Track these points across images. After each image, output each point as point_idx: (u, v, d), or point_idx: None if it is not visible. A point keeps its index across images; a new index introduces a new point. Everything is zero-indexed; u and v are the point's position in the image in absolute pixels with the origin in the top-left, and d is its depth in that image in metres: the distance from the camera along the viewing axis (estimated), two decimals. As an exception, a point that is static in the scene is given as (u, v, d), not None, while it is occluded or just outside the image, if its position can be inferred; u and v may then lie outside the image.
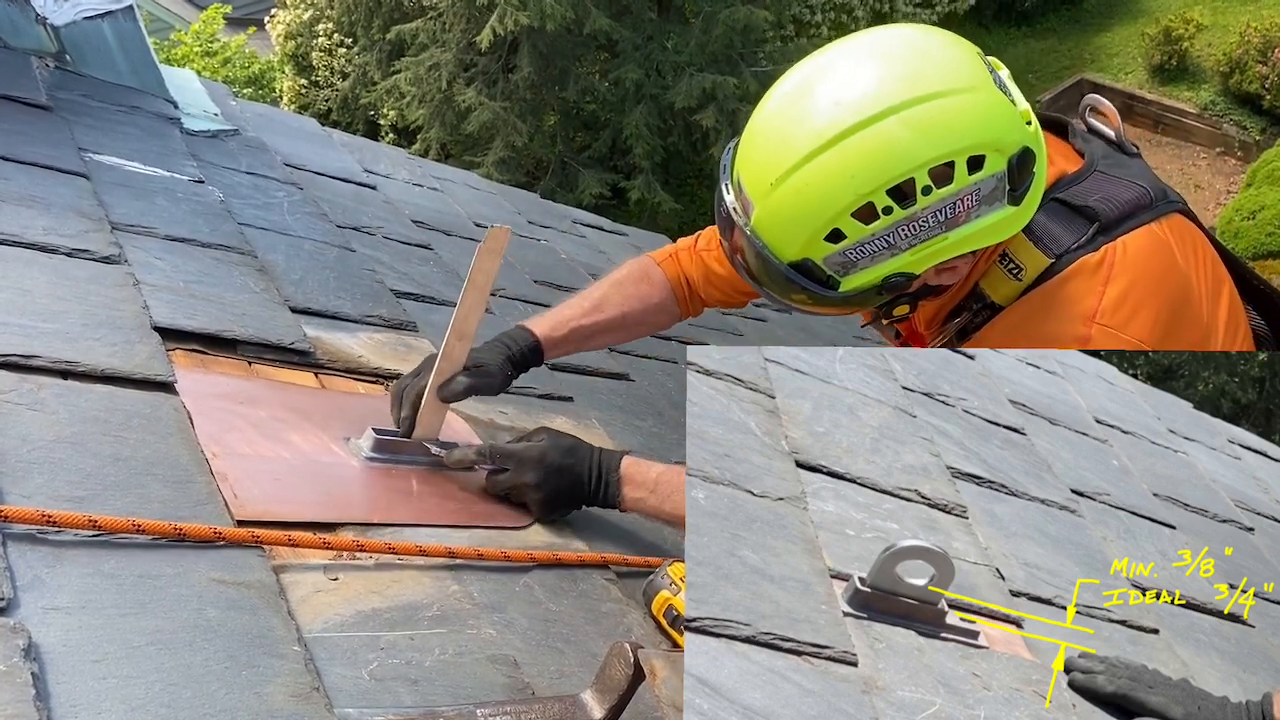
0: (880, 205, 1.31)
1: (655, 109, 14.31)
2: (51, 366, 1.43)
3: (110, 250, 1.86)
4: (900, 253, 1.35)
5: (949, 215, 1.32)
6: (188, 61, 14.50)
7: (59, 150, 2.26)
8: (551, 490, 1.59)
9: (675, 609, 1.49)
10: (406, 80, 15.06)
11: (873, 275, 1.37)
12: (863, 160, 1.29)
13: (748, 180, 1.41)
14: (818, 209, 1.33)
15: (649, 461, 1.65)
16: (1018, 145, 1.32)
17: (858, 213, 1.32)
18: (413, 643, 1.21)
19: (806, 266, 1.38)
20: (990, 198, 1.32)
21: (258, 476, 1.42)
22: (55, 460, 1.24)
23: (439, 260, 2.83)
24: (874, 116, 1.28)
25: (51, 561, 1.08)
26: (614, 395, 2.40)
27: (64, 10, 2.89)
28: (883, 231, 1.32)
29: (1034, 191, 1.37)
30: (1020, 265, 1.45)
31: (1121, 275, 1.39)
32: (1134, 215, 1.44)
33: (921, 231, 1.33)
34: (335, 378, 1.86)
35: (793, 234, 1.37)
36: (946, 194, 1.30)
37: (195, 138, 2.89)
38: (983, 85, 1.32)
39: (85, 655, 0.98)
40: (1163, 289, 1.41)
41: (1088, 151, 1.52)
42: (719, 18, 13.66)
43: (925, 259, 1.35)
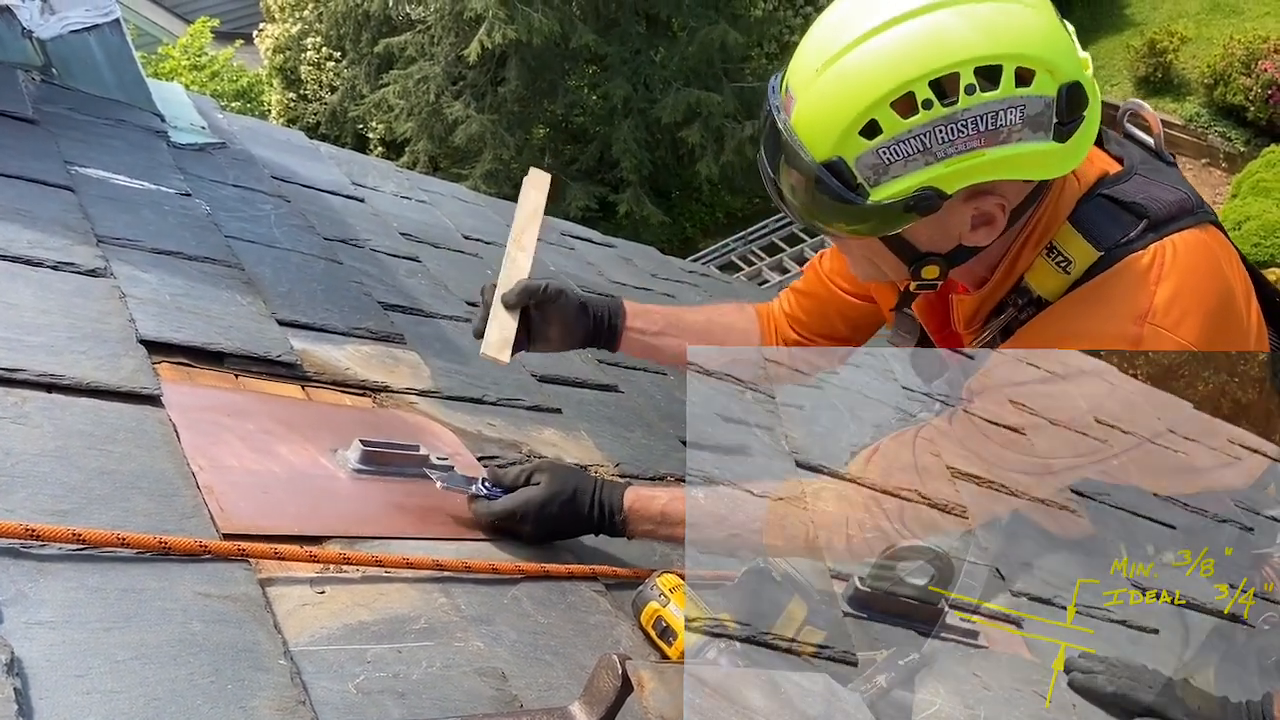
0: (921, 97, 1.25)
1: (642, 123, 14.36)
2: (36, 380, 1.42)
3: (96, 263, 1.85)
4: (935, 161, 1.28)
5: (989, 126, 1.26)
6: (175, 75, 14.49)
7: (45, 164, 2.25)
8: (547, 536, 1.59)
9: (664, 620, 1.48)
10: (395, 93, 15.08)
11: (904, 185, 1.30)
12: (910, 45, 1.25)
13: (793, 76, 1.37)
14: (858, 94, 1.28)
15: (652, 491, 1.62)
16: (1070, 76, 1.28)
17: (897, 103, 1.27)
18: (400, 656, 1.20)
19: (838, 167, 1.32)
20: (1035, 122, 1.27)
21: (244, 489, 1.41)
22: (40, 474, 1.23)
23: (427, 273, 2.83)
24: (931, 6, 1.25)
25: (35, 575, 1.07)
26: (602, 407, 2.40)
27: (50, 24, 2.89)
28: (919, 129, 1.27)
29: (1083, 134, 1.32)
30: (1069, 258, 1.40)
31: (1172, 275, 1.36)
32: (1179, 218, 1.41)
33: (959, 139, 1.27)
34: (322, 390, 1.85)
35: (830, 124, 1.31)
36: (990, 99, 1.25)
37: (182, 151, 2.89)
38: (1046, 9, 1.29)
39: (68, 670, 0.97)
40: (1211, 292, 1.39)
41: (1126, 156, 1.49)
42: (699, 34, 13.75)
43: (959, 174, 1.29)
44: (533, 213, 1.82)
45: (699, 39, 13.51)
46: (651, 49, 14.30)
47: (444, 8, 14.25)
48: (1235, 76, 14.80)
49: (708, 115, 13.66)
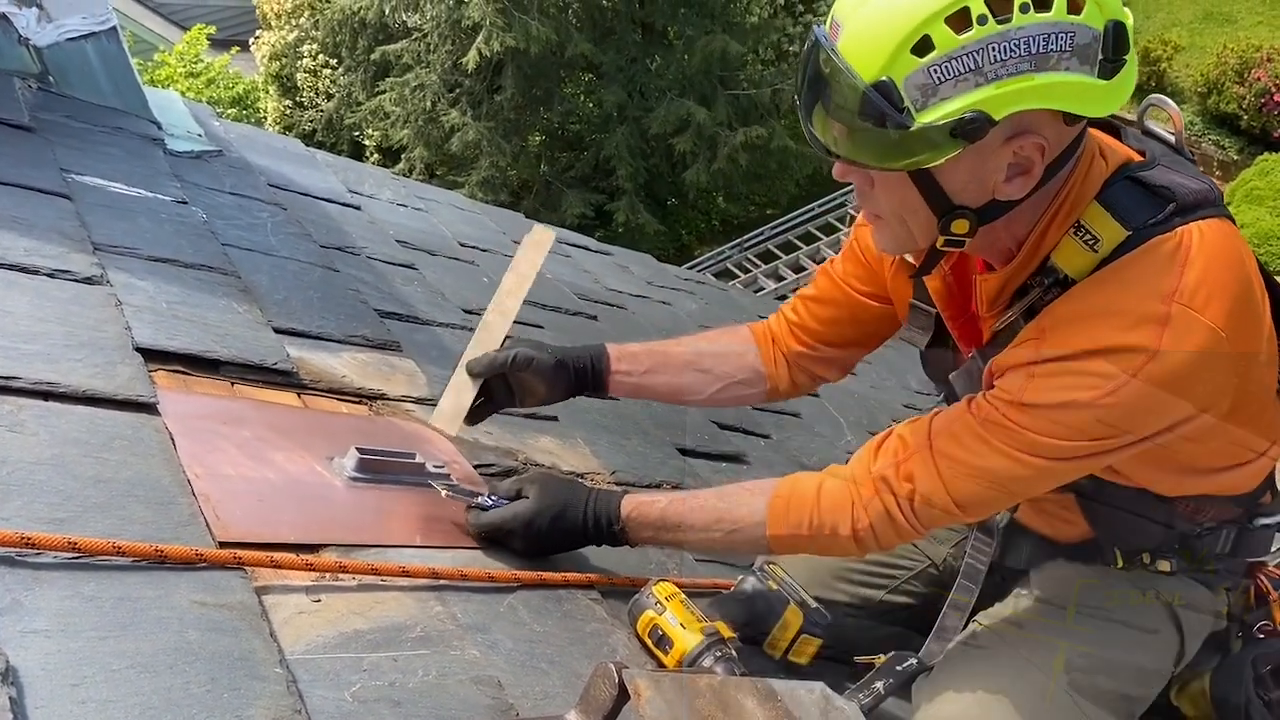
0: (976, 13, 1.24)
1: (637, 131, 14.39)
2: (32, 388, 1.42)
3: (92, 271, 1.85)
4: (985, 83, 1.27)
5: (1040, 49, 1.26)
6: (171, 82, 14.52)
7: (41, 171, 2.25)
8: (539, 550, 1.59)
9: (660, 629, 1.48)
10: (391, 101, 15.09)
11: (952, 106, 1.28)
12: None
13: (841, 5, 1.34)
14: (913, 9, 1.26)
15: (650, 496, 1.61)
16: (1117, 14, 1.29)
17: (951, 18, 1.25)
18: (396, 664, 1.20)
19: (887, 87, 1.29)
20: (1083, 53, 1.27)
21: (241, 497, 1.41)
22: (35, 482, 1.23)
23: (423, 280, 2.83)
24: None
25: (30, 584, 1.07)
26: (599, 414, 2.40)
27: (47, 31, 2.89)
28: (972, 45, 1.25)
29: (1125, 76, 1.32)
30: (1096, 236, 1.39)
31: (1200, 258, 1.35)
32: (1203, 206, 1.40)
33: (1010, 59, 1.26)
34: (318, 398, 1.85)
35: (882, 42, 1.28)
36: (1044, 20, 1.25)
37: (179, 158, 2.89)
38: None
39: (64, 679, 0.97)
40: (1236, 279, 1.38)
41: (1148, 149, 1.49)
42: (697, 45, 13.77)
43: (1008, 98, 1.28)
44: (525, 275, 1.75)
45: (699, 50, 13.54)
46: (648, 57, 14.34)
47: (441, 16, 14.28)
48: (1228, 85, 14.88)
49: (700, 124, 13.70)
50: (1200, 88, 15.19)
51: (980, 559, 1.76)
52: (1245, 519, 1.69)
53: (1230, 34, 16.09)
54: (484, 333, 1.69)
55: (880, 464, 1.49)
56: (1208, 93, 15.09)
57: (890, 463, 1.48)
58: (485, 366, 1.68)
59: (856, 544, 1.50)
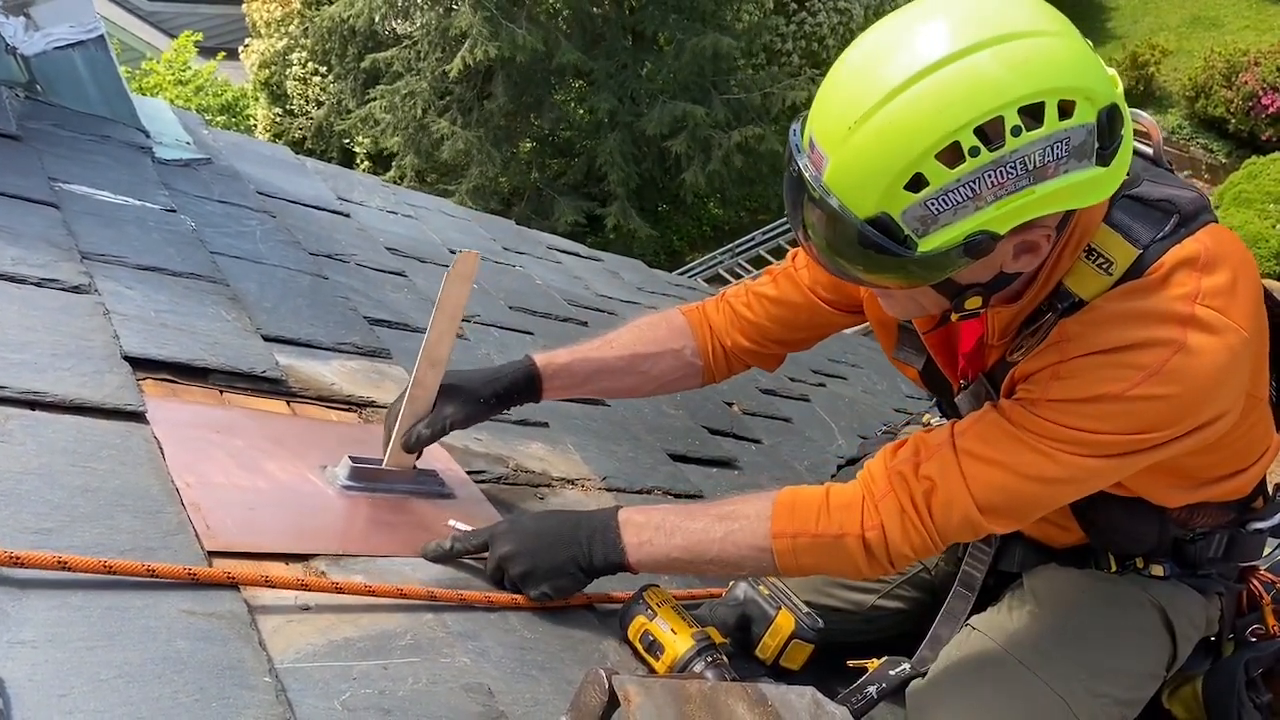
0: (967, 146, 1.22)
1: (629, 136, 14.39)
2: (19, 397, 1.41)
3: (80, 280, 1.84)
4: (985, 206, 1.25)
5: (1037, 164, 1.23)
6: (160, 90, 14.48)
7: (28, 180, 2.25)
8: (532, 556, 1.51)
9: (651, 635, 1.48)
10: (381, 108, 15.08)
11: (954, 233, 1.26)
12: (951, 94, 1.22)
13: (821, 132, 1.31)
14: (900, 149, 1.23)
15: (644, 506, 1.59)
16: (1108, 99, 1.26)
17: (942, 154, 1.23)
18: (386, 672, 1.20)
19: (884, 223, 1.27)
20: (1080, 151, 1.25)
21: (231, 506, 1.41)
22: (22, 492, 1.22)
23: (413, 287, 2.83)
24: (965, 50, 1.22)
25: (17, 595, 1.06)
26: (589, 420, 2.40)
27: (35, 40, 2.88)
28: (967, 177, 1.23)
29: (1122, 154, 1.30)
30: (1109, 259, 1.39)
31: (1216, 262, 1.36)
32: (1201, 213, 1.41)
33: (1008, 181, 1.23)
34: (307, 406, 1.85)
35: (871, 182, 1.26)
36: (1036, 138, 1.22)
37: (167, 166, 2.88)
38: (1071, 33, 1.28)
39: (51, 690, 0.96)
40: (1250, 282, 1.39)
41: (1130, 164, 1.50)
42: (688, 45, 13.76)
43: (1011, 215, 1.26)
44: (454, 315, 1.61)
45: (689, 49, 13.54)
46: (638, 64, 14.35)
47: (431, 24, 14.29)
48: (1216, 89, 14.95)
49: (694, 126, 13.70)
50: (1188, 92, 15.26)
51: (978, 567, 1.75)
52: (1238, 524, 1.69)
53: (1217, 38, 16.18)
54: (415, 391, 1.61)
55: (898, 460, 1.46)
56: (1195, 96, 15.16)
57: (909, 459, 1.45)
58: (414, 445, 1.65)
59: (865, 550, 1.44)
